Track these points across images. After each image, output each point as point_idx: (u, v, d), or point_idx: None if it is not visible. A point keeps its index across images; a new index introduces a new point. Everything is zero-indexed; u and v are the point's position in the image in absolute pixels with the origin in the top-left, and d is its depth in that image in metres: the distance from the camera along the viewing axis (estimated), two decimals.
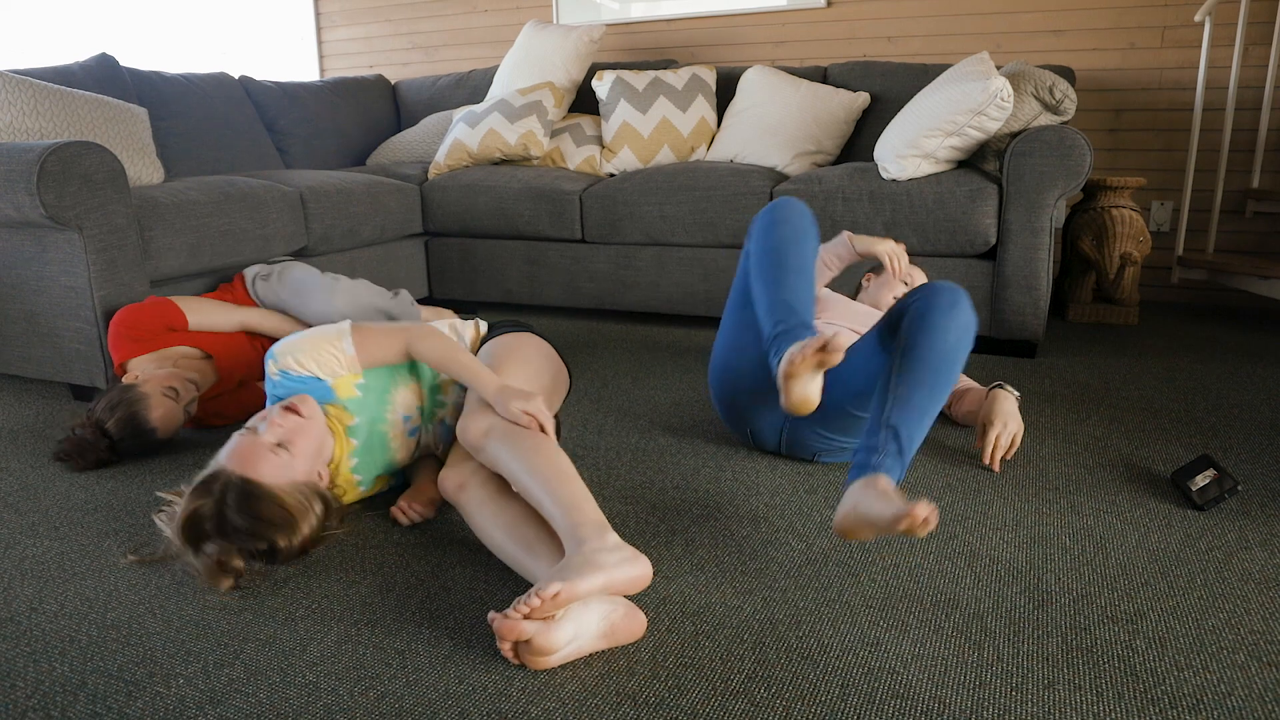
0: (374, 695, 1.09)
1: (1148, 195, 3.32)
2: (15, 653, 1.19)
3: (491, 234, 3.18)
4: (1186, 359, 2.53)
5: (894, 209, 2.57)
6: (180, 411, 1.91)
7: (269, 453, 1.36)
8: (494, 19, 4.22)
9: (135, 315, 1.98)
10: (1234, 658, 1.13)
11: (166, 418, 1.88)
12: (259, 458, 1.34)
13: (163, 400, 1.87)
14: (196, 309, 2.06)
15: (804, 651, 1.16)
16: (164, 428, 1.88)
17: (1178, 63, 3.18)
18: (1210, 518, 1.52)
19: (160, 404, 1.87)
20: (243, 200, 2.49)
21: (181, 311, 2.03)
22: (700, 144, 3.24)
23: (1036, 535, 1.47)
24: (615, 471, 1.78)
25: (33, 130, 2.40)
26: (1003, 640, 1.17)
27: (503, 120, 3.23)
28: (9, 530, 1.57)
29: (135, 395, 1.86)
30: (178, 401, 1.90)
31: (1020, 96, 2.52)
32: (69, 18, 3.87)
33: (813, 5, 3.59)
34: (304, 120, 3.61)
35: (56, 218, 2.01)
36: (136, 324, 1.98)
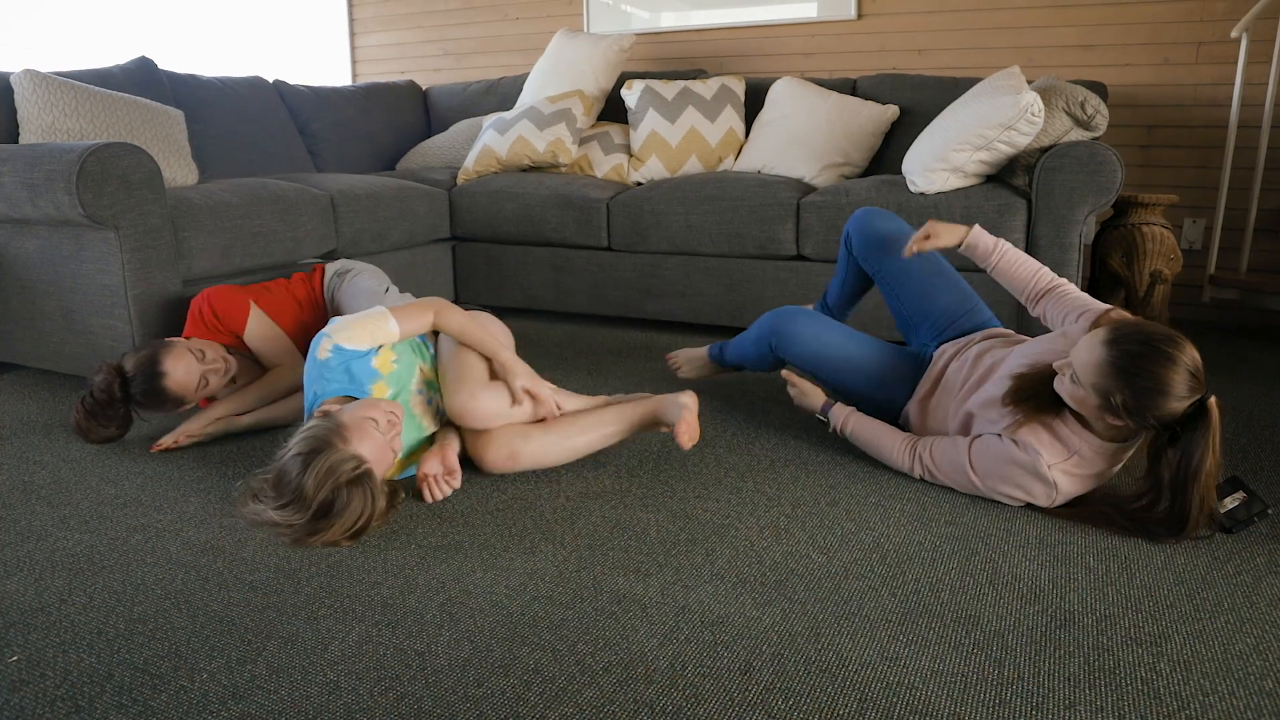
0: (393, 696, 1.10)
1: (1180, 213, 3.28)
2: (45, 643, 1.21)
3: (518, 240, 3.20)
4: (1217, 379, 2.50)
5: (921, 222, 2.56)
6: (199, 374, 1.91)
7: (389, 449, 1.55)
8: (524, 27, 4.25)
9: (221, 306, 2.04)
10: (1261, 684, 1.11)
11: (185, 372, 1.89)
12: (384, 455, 1.54)
13: (186, 354, 1.91)
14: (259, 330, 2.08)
15: (823, 665, 1.16)
16: (177, 380, 1.88)
17: (1213, 79, 3.14)
18: (1239, 541, 1.50)
19: (183, 357, 1.90)
20: (274, 203, 2.53)
21: (245, 324, 2.06)
22: (728, 154, 3.25)
23: (1060, 554, 1.46)
24: (637, 479, 1.78)
25: (73, 131, 2.45)
26: (1024, 659, 1.17)
27: (532, 127, 3.25)
28: (41, 523, 1.60)
29: (164, 344, 1.91)
30: (200, 363, 1.92)
31: (1051, 111, 2.51)
32: (110, 21, 3.95)
33: (843, 17, 3.59)
34: (336, 124, 3.66)
35: (94, 217, 2.05)
36: (216, 315, 2.05)
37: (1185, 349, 1.40)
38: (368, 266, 2.33)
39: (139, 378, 1.88)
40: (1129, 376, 1.40)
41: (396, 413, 1.59)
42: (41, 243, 2.24)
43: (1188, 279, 3.31)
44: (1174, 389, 1.38)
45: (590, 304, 3.14)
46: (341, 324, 1.67)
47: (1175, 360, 1.38)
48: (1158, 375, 1.38)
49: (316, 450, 1.45)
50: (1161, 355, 1.39)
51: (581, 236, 3.07)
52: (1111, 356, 1.41)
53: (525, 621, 1.26)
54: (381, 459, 1.52)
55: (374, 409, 1.56)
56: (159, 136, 2.61)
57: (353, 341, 1.65)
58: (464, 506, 1.66)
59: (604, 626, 1.25)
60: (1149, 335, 1.41)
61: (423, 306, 1.76)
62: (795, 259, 2.82)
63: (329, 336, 1.65)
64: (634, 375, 2.53)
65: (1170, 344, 1.40)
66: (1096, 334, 1.46)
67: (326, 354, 1.64)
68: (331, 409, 1.57)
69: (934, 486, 1.73)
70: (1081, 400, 1.47)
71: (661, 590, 1.35)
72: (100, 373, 1.91)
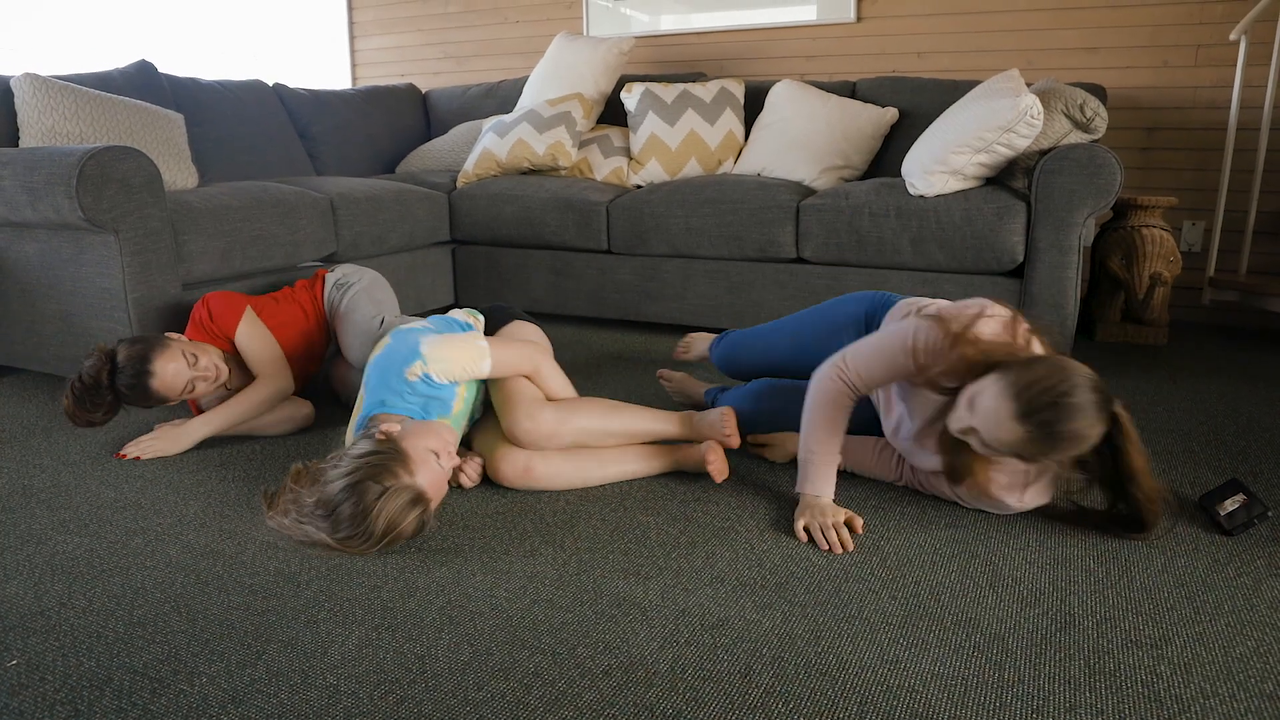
0: (393, 700, 1.10)
1: (1179, 215, 3.29)
2: (45, 647, 1.21)
3: (518, 243, 3.20)
4: (1216, 381, 2.50)
5: (921, 225, 2.56)
6: (187, 378, 1.90)
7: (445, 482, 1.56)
8: (524, 30, 4.26)
9: (217, 307, 2.04)
10: (1262, 686, 1.11)
11: (174, 374, 1.88)
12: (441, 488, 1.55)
13: (178, 356, 1.90)
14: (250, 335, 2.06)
15: (823, 668, 1.16)
16: (163, 379, 1.87)
17: (1212, 81, 3.14)
18: (1239, 543, 1.50)
19: (174, 358, 1.89)
20: (274, 206, 2.53)
21: (236, 327, 2.04)
22: (728, 157, 3.25)
23: (1060, 557, 1.46)
24: (638, 481, 1.78)
25: (73, 134, 2.45)
26: (1024, 662, 1.16)
27: (531, 130, 3.25)
28: (41, 526, 1.59)
29: (158, 340, 1.90)
30: (191, 368, 1.91)
31: (1050, 114, 2.51)
32: (110, 25, 3.95)
33: (843, 20, 3.60)
34: (335, 127, 3.66)
35: (94, 220, 2.05)
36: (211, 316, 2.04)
37: (1085, 386, 1.30)
38: (366, 275, 2.30)
39: (126, 370, 1.86)
40: (1049, 444, 1.30)
41: (453, 442, 1.59)
42: (41, 246, 2.24)
43: (1187, 281, 3.31)
44: (1091, 432, 1.31)
45: (590, 307, 3.14)
46: (440, 354, 1.62)
47: (1084, 408, 1.29)
48: (1077, 432, 1.30)
49: (379, 478, 1.42)
50: (1073, 410, 1.28)
51: (581, 239, 3.07)
52: (1027, 430, 1.30)
53: (525, 625, 1.26)
54: (439, 492, 1.53)
55: (437, 439, 1.53)
56: (159, 140, 2.61)
57: (446, 376, 1.63)
58: (464, 510, 1.66)
59: (604, 630, 1.25)
60: (1054, 395, 1.28)
61: (525, 356, 1.74)
62: (795, 261, 2.82)
63: (423, 361, 1.61)
64: (635, 378, 2.53)
65: (1074, 390, 1.29)
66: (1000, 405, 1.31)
67: (416, 377, 1.61)
68: (393, 430, 1.52)
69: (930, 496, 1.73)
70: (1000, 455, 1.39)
71: (661, 593, 1.35)
72: (92, 356, 1.89)
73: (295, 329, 2.17)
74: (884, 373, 1.54)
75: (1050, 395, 1.28)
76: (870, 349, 1.56)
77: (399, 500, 1.41)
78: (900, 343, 1.50)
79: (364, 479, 1.41)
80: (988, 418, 1.33)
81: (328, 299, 2.25)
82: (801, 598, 1.33)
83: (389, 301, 2.25)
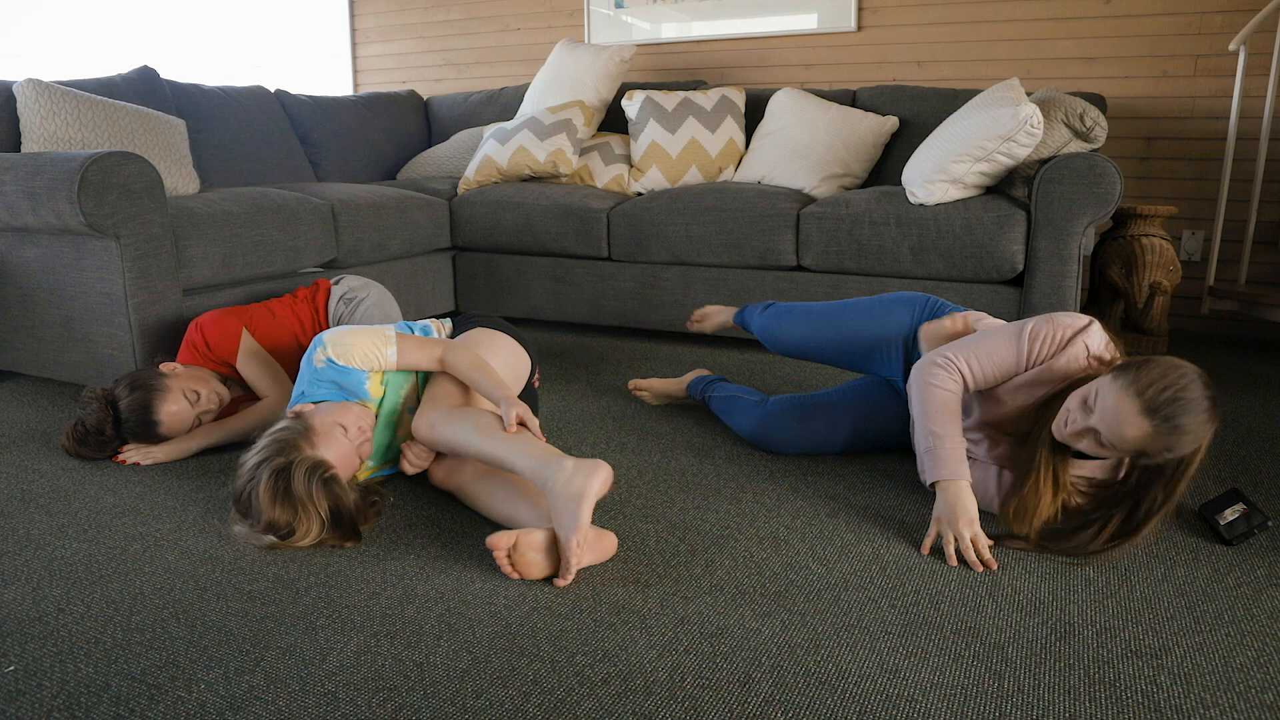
0: (392, 707, 1.09)
1: (1179, 224, 3.29)
2: (42, 653, 1.21)
3: (519, 250, 3.20)
4: (1216, 391, 2.50)
5: (921, 234, 2.57)
6: (192, 417, 1.94)
7: (355, 455, 1.58)
8: (526, 38, 4.27)
9: (213, 335, 2.04)
10: (1262, 697, 1.11)
11: (177, 416, 1.91)
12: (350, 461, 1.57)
13: (180, 398, 1.91)
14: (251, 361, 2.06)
15: (822, 677, 1.15)
16: (170, 424, 1.91)
17: (1211, 91, 3.15)
18: (1239, 553, 1.50)
19: (176, 400, 1.91)
20: (275, 212, 2.53)
21: (237, 355, 2.05)
22: (728, 165, 3.26)
23: (1059, 566, 1.45)
24: (636, 489, 1.78)
25: (75, 140, 2.46)
26: (1024, 671, 1.16)
27: (532, 138, 3.26)
28: (39, 531, 1.59)
29: (158, 384, 1.90)
30: (194, 406, 1.93)
31: (1050, 123, 2.52)
32: (113, 31, 3.96)
33: (843, 28, 3.61)
34: (337, 134, 3.67)
35: (95, 226, 2.05)
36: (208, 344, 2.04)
37: (1200, 382, 1.36)
38: (374, 290, 2.29)
39: (131, 420, 1.89)
40: (1174, 438, 1.35)
41: (367, 422, 1.62)
42: (42, 251, 2.24)
43: (1187, 290, 3.31)
44: (1207, 429, 1.37)
45: (590, 314, 3.14)
46: (340, 338, 1.66)
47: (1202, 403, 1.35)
48: (1198, 426, 1.35)
49: (280, 454, 1.46)
50: (1194, 405, 1.34)
51: (581, 246, 3.07)
52: (1153, 425, 1.34)
53: (524, 632, 1.26)
54: (347, 464, 1.56)
55: (345, 414, 1.59)
56: (160, 145, 2.62)
57: (347, 360, 1.65)
58: (462, 516, 1.66)
59: (603, 638, 1.24)
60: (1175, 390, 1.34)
61: (429, 346, 1.72)
62: (795, 269, 2.82)
63: (324, 346, 1.65)
64: None
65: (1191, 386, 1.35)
66: (1123, 403, 1.35)
67: (321, 363, 1.65)
68: (305, 409, 1.60)
69: (932, 499, 1.73)
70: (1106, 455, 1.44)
71: (660, 601, 1.34)
72: (92, 405, 1.90)
73: (290, 341, 2.16)
74: (995, 368, 1.58)
75: (1172, 391, 1.34)
76: (983, 345, 1.59)
77: (298, 466, 1.45)
78: (1016, 333, 1.57)
79: (265, 457, 1.47)
80: (1109, 415, 1.37)
81: (333, 313, 2.24)
82: (801, 606, 1.33)
83: (395, 317, 2.26)
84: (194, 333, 2.06)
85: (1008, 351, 1.56)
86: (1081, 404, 1.43)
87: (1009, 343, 1.56)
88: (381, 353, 1.68)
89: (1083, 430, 1.43)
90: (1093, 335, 1.52)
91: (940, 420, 1.56)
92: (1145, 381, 1.35)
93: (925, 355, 1.64)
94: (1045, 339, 1.53)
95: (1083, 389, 1.45)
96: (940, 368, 1.59)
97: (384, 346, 1.68)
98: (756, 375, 2.63)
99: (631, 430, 2.14)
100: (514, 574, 1.39)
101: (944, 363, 1.59)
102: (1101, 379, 1.42)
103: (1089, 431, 1.42)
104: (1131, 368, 1.39)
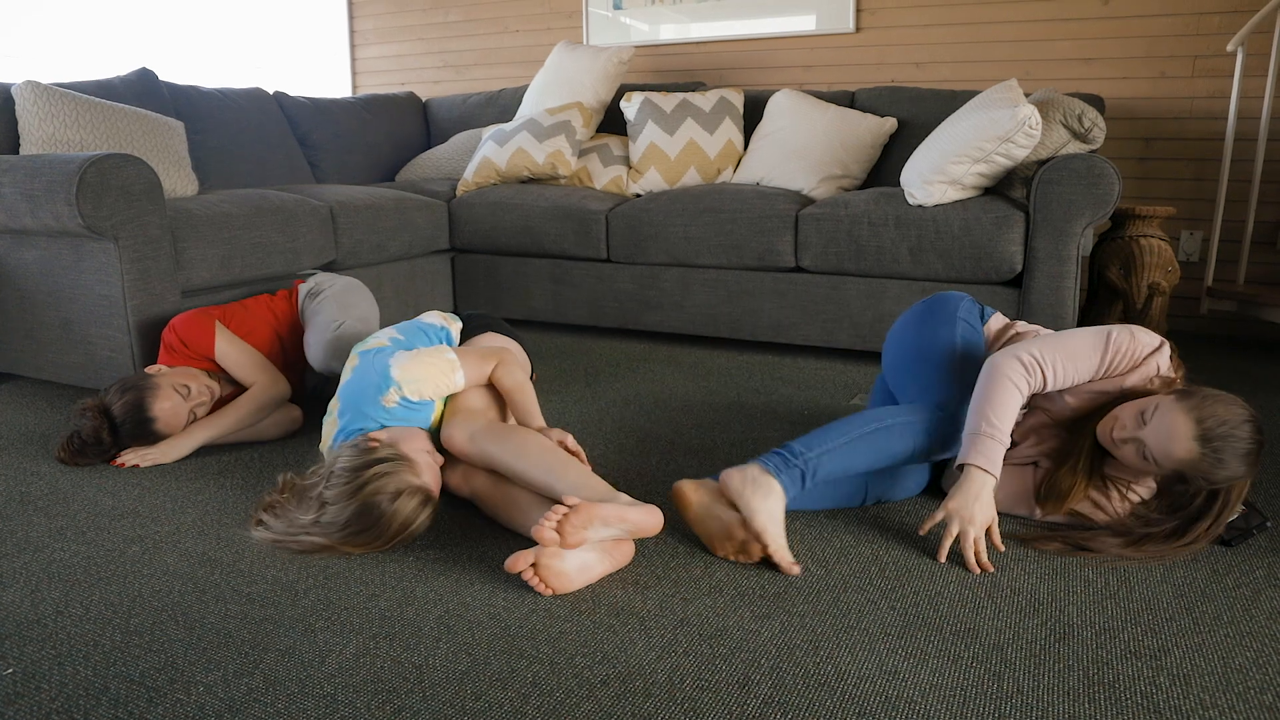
0: (391, 709, 1.09)
1: (1177, 225, 3.29)
2: (41, 655, 1.21)
3: (517, 251, 3.20)
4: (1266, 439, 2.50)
5: (920, 235, 2.57)
6: (186, 411, 1.94)
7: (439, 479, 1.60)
8: (524, 39, 4.27)
9: (186, 332, 2.03)
10: (1261, 698, 1.11)
11: (172, 411, 1.91)
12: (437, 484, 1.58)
13: (171, 394, 1.91)
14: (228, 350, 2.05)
15: (821, 678, 1.15)
16: (165, 421, 1.91)
17: (1209, 92, 3.15)
18: (1238, 554, 1.50)
19: (168, 397, 1.91)
20: (274, 214, 2.53)
21: (214, 346, 2.04)
22: (727, 166, 3.26)
23: (1059, 567, 1.45)
24: (635, 491, 1.78)
25: (74, 142, 2.46)
26: (1023, 672, 1.16)
27: (531, 139, 3.26)
28: (38, 533, 1.59)
29: (148, 384, 1.91)
30: (187, 400, 1.94)
31: (1048, 124, 2.52)
32: (111, 33, 3.96)
33: (842, 30, 3.61)
34: (336, 135, 3.67)
35: (94, 228, 2.05)
36: (182, 341, 2.03)
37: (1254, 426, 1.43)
38: (339, 281, 2.28)
39: (127, 424, 1.89)
40: (1213, 468, 1.42)
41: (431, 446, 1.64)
42: (41, 253, 2.24)
43: (1185, 291, 3.32)
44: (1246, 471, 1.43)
45: (589, 315, 3.14)
46: (409, 375, 1.61)
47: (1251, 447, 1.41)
48: (1239, 466, 1.42)
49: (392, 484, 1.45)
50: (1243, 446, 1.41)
51: (580, 248, 3.07)
52: (1201, 452, 1.41)
53: (523, 634, 1.26)
54: (438, 487, 1.58)
55: (428, 443, 1.61)
56: (159, 147, 2.62)
57: (421, 395, 1.62)
58: (461, 518, 1.65)
59: (602, 639, 1.24)
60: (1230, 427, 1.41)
61: (485, 359, 1.71)
62: (794, 271, 2.82)
63: (396, 387, 1.60)
64: (633, 387, 2.53)
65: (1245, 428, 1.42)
66: (1181, 423, 1.42)
67: (393, 404, 1.61)
68: (382, 438, 1.55)
69: (933, 500, 1.73)
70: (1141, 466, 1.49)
71: (660, 603, 1.34)
72: (86, 415, 1.90)
73: (262, 335, 2.15)
74: (1075, 374, 1.58)
75: (1228, 427, 1.41)
76: (1066, 348, 1.59)
77: (413, 501, 1.46)
78: (1096, 339, 1.58)
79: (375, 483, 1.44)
80: (1163, 431, 1.43)
81: (301, 307, 2.24)
82: (800, 607, 1.33)
83: (362, 306, 2.24)
84: (168, 334, 2.05)
85: (1089, 361, 1.57)
86: (1137, 415, 1.47)
87: (1092, 352, 1.57)
88: (450, 379, 1.65)
89: (1129, 439, 1.47)
90: (1164, 356, 1.57)
91: (1001, 415, 1.53)
92: (1208, 411, 1.42)
93: (1011, 348, 1.61)
94: (1125, 354, 1.56)
95: (1141, 402, 1.50)
96: (1023, 365, 1.57)
97: (451, 373, 1.65)
98: (755, 376, 2.64)
99: (630, 432, 2.14)
100: (546, 589, 1.36)
101: (1029, 362, 1.57)
102: (1164, 398, 1.47)
103: (1135, 442, 1.47)
104: (1198, 395, 1.46)
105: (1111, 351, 1.56)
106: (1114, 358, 1.56)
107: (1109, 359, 1.56)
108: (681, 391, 2.49)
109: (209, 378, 2.02)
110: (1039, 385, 1.58)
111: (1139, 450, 1.46)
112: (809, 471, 1.53)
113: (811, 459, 1.54)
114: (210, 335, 2.04)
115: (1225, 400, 1.44)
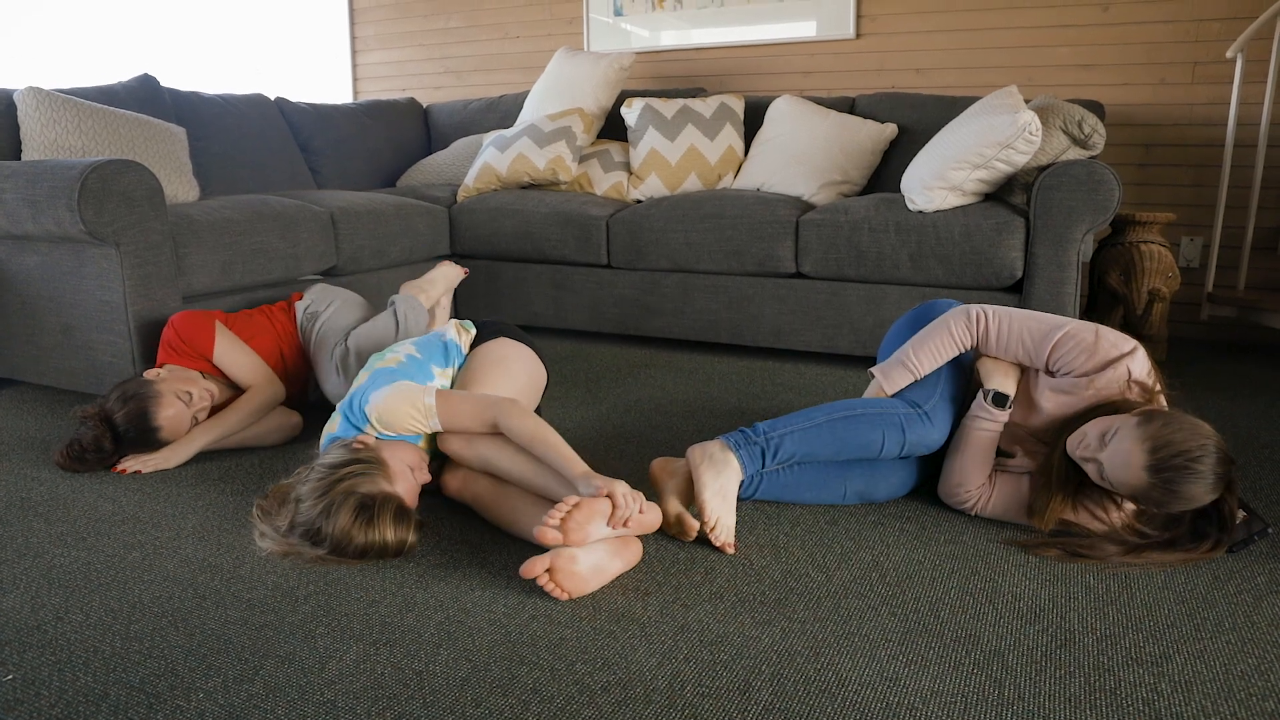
0: (391, 716, 1.09)
1: (1177, 231, 3.30)
2: (41, 661, 1.21)
3: (518, 257, 3.21)
4: (1215, 397, 2.50)
5: (920, 240, 2.57)
6: (189, 417, 1.94)
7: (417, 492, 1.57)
8: (525, 45, 4.28)
9: (186, 330, 2.03)
10: (1263, 705, 1.11)
11: (175, 419, 1.91)
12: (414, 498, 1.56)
13: (174, 401, 1.91)
14: (228, 350, 2.06)
15: (822, 684, 1.15)
16: (170, 428, 1.91)
17: (1209, 98, 3.16)
18: (1239, 560, 1.50)
19: (171, 404, 1.91)
20: (275, 219, 2.54)
21: (213, 346, 2.04)
22: (727, 172, 3.26)
23: (1060, 573, 1.45)
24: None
25: (75, 148, 2.46)
26: (1024, 679, 1.16)
27: (532, 145, 3.27)
28: (38, 539, 1.59)
29: (149, 391, 1.90)
30: (189, 406, 1.93)
31: (1048, 130, 2.52)
32: (114, 39, 3.97)
33: (842, 36, 3.62)
34: (336, 141, 3.68)
35: (95, 233, 2.05)
36: (182, 339, 2.03)
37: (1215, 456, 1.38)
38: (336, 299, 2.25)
39: (131, 431, 1.88)
40: (1166, 499, 1.40)
41: (425, 461, 1.62)
42: (42, 259, 2.24)
43: (1186, 297, 3.32)
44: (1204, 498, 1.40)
45: (589, 321, 3.14)
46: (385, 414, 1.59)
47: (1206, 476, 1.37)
48: (1193, 495, 1.39)
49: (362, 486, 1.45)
50: (1197, 477, 1.37)
51: (581, 254, 3.07)
52: (1151, 482, 1.39)
53: (524, 640, 1.26)
54: (412, 501, 1.55)
55: (413, 455, 1.58)
56: (161, 153, 2.62)
57: (393, 431, 1.61)
58: (461, 524, 1.65)
59: (602, 645, 1.24)
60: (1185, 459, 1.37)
61: (480, 408, 1.60)
62: (794, 276, 2.82)
63: (373, 426, 1.60)
64: (634, 393, 2.53)
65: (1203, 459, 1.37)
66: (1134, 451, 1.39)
67: (373, 432, 1.62)
68: (369, 440, 1.57)
69: (933, 504, 1.73)
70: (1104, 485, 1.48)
71: (660, 609, 1.34)
72: (87, 423, 1.90)
73: (263, 343, 2.15)
74: (1016, 346, 1.60)
75: (1182, 459, 1.37)
76: (1023, 316, 1.61)
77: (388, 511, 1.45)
78: (1057, 323, 1.58)
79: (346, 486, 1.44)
80: (1118, 458, 1.41)
81: (300, 328, 2.23)
82: (800, 614, 1.33)
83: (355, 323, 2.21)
84: (167, 331, 2.05)
85: (1040, 337, 1.58)
86: (1100, 436, 1.46)
87: (1049, 330, 1.58)
88: (423, 424, 1.61)
89: (1090, 459, 1.47)
90: (1136, 361, 1.54)
91: (924, 355, 1.65)
92: (1162, 440, 1.38)
93: (970, 305, 1.66)
94: (1077, 349, 1.54)
95: (1106, 421, 1.47)
96: (969, 316, 1.63)
97: (424, 419, 1.60)
98: (756, 381, 2.64)
99: (629, 437, 2.14)
100: (563, 593, 1.35)
101: (976, 314, 1.62)
102: (1126, 419, 1.45)
103: (1095, 463, 1.46)
104: (1157, 421, 1.41)
105: (1067, 339, 1.55)
106: (1069, 347, 1.55)
107: (1063, 347, 1.55)
108: (682, 397, 2.49)
109: (207, 380, 2.02)
110: (981, 336, 1.63)
111: (1099, 471, 1.46)
112: (769, 450, 1.59)
113: (774, 438, 1.60)
114: (210, 335, 2.04)
115: (1187, 428, 1.40)
